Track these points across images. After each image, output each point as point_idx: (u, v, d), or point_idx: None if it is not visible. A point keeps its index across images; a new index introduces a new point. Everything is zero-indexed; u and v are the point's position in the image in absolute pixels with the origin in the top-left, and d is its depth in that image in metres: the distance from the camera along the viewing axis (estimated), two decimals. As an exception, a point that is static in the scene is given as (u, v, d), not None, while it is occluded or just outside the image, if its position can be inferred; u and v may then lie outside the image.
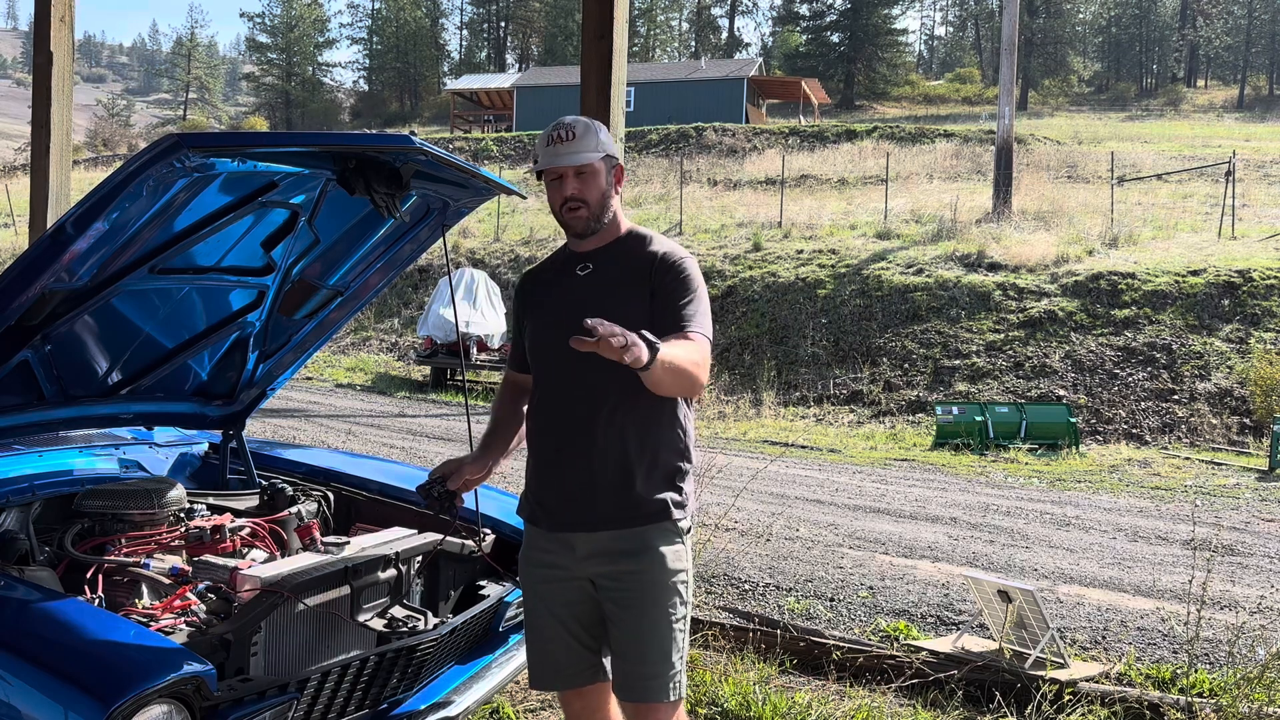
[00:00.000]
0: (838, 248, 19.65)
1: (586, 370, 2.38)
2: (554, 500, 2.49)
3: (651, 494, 2.44)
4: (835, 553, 7.13)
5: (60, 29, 5.25)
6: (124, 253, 2.67)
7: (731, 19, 79.08)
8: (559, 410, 2.48)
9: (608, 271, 2.50)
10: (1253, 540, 8.01)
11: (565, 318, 2.42)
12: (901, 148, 31.78)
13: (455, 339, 16.23)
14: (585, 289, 2.50)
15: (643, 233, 2.57)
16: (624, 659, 2.45)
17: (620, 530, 2.43)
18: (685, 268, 2.47)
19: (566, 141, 2.45)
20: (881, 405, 15.49)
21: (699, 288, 2.47)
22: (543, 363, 2.55)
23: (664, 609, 2.42)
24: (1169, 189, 25.11)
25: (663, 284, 2.43)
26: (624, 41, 3.96)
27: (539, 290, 2.63)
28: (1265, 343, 14.66)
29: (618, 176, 2.55)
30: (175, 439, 3.89)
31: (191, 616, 2.51)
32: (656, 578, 2.42)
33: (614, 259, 2.52)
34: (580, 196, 2.46)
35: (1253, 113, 53.63)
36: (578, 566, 2.48)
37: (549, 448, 2.51)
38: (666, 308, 2.42)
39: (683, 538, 2.49)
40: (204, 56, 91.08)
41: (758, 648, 4.38)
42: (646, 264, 2.47)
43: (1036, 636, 4.43)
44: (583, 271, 2.53)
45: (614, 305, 2.37)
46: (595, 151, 2.46)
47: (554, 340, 2.46)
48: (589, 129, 2.47)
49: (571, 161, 2.44)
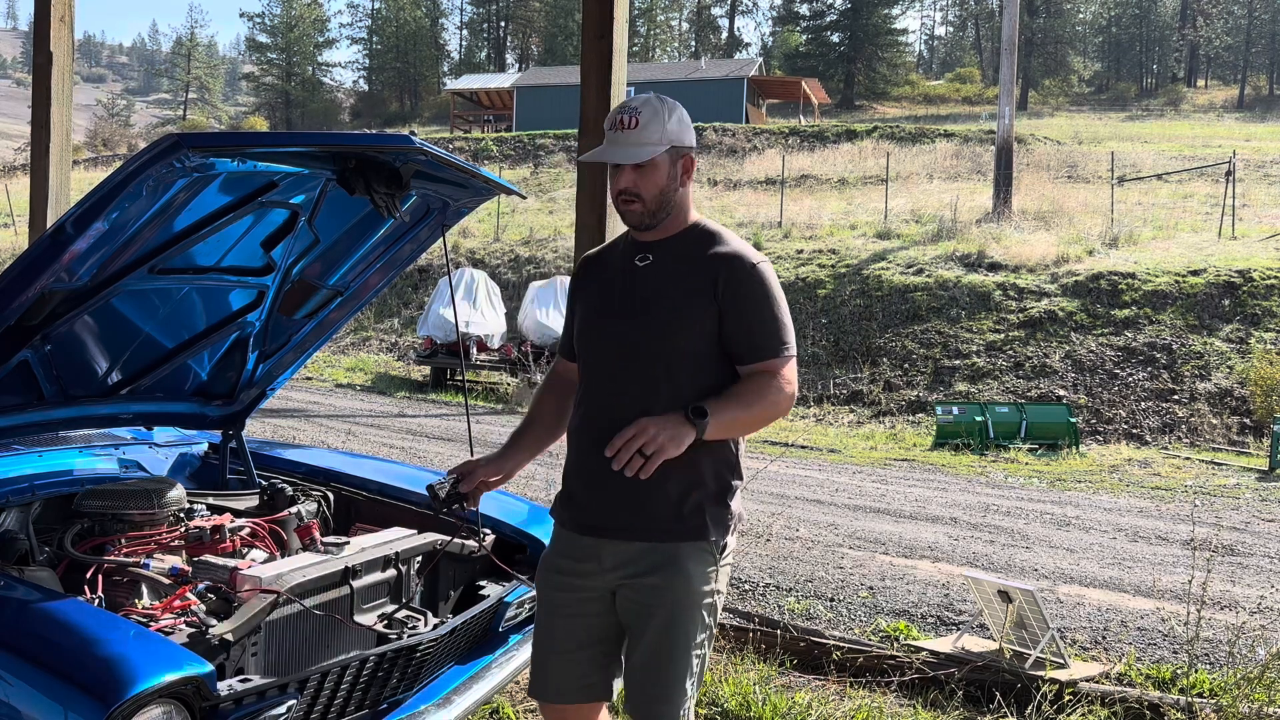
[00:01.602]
0: (838, 248, 19.65)
1: (633, 364, 2.28)
2: (586, 498, 2.36)
3: (691, 507, 2.26)
4: (835, 553, 7.13)
5: (60, 29, 5.25)
6: (124, 253, 2.67)
7: (731, 19, 79.14)
8: (600, 405, 2.33)
9: (669, 267, 2.32)
10: (1253, 540, 8.01)
11: (619, 308, 2.33)
12: (901, 148, 31.77)
13: (455, 339, 16.23)
14: (643, 281, 2.33)
15: (711, 228, 2.37)
16: (636, 675, 2.31)
17: (652, 543, 2.27)
18: (758, 276, 2.27)
19: (628, 129, 2.24)
20: (881, 405, 15.49)
21: (774, 297, 2.28)
22: (589, 352, 2.39)
23: (683, 631, 2.26)
24: (1169, 189, 25.11)
25: (733, 298, 2.25)
26: (624, 41, 3.96)
27: (595, 274, 2.46)
28: (1265, 343, 14.67)
29: (685, 168, 2.32)
30: (175, 439, 3.89)
31: (191, 616, 2.51)
32: (680, 597, 2.26)
33: (677, 254, 2.33)
34: (635, 190, 2.27)
35: (1253, 113, 53.62)
36: (601, 577, 2.33)
37: (586, 442, 2.33)
38: (738, 329, 2.25)
39: (718, 560, 2.31)
40: (204, 56, 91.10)
41: (758, 648, 4.38)
42: (714, 268, 2.27)
43: (1037, 636, 4.43)
44: (642, 262, 2.35)
45: (673, 306, 2.27)
46: (658, 144, 2.24)
47: (603, 329, 2.35)
48: (655, 116, 2.25)
49: (627, 158, 2.25)
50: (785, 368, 2.26)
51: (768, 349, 2.26)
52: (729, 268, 2.27)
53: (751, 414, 2.24)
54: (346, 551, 2.85)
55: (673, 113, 2.29)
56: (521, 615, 3.29)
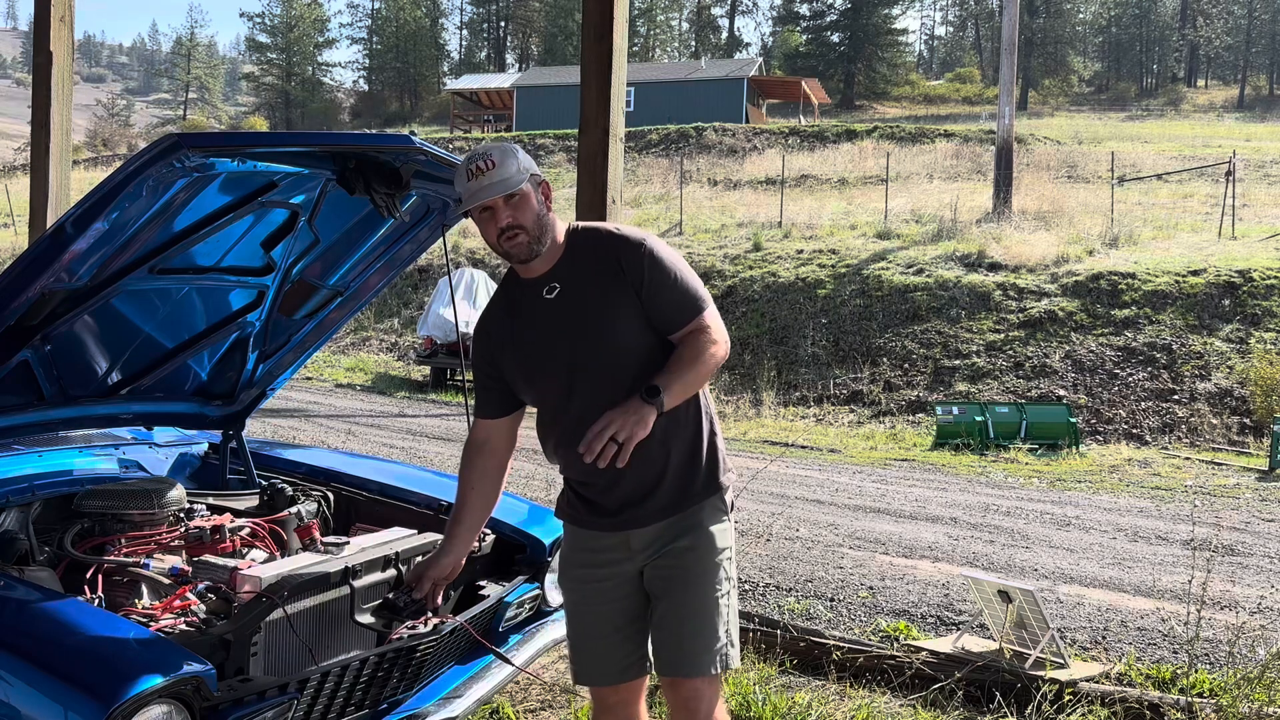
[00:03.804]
0: (838, 248, 19.65)
1: (590, 381, 2.38)
2: (606, 501, 2.46)
3: (700, 465, 2.46)
4: (835, 553, 7.13)
5: (60, 29, 5.25)
6: (124, 253, 2.67)
7: (731, 19, 79.21)
8: (580, 424, 2.34)
9: (575, 282, 2.42)
10: (1253, 540, 8.01)
11: (554, 342, 2.41)
12: (901, 148, 31.77)
13: (455, 339, 16.22)
14: (562, 308, 2.41)
15: (581, 227, 2.50)
16: (668, 634, 2.43)
17: (674, 516, 2.43)
18: (649, 248, 2.40)
19: (488, 172, 2.33)
20: (881, 405, 15.49)
21: (675, 264, 2.42)
22: (542, 391, 2.47)
23: (711, 584, 2.42)
24: (1169, 189, 25.12)
25: (642, 280, 2.38)
26: (624, 41, 3.96)
27: (506, 328, 2.50)
28: (1265, 343, 14.66)
29: (545, 193, 2.43)
30: (175, 439, 3.88)
31: (191, 616, 2.51)
32: (704, 553, 2.43)
33: (573, 269, 2.43)
34: (516, 223, 2.36)
35: (1253, 113, 53.63)
36: (630, 562, 2.48)
37: (579, 461, 2.34)
38: (656, 304, 2.39)
39: (728, 513, 2.51)
40: (204, 56, 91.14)
41: (758, 648, 4.38)
42: (613, 259, 2.40)
43: (1036, 636, 4.43)
44: (550, 294, 2.43)
45: (599, 314, 2.38)
46: (519, 174, 2.35)
47: (546, 367, 2.43)
48: (506, 154, 2.36)
49: (500, 191, 2.32)
50: (708, 318, 2.42)
51: (688, 311, 2.41)
52: (623, 255, 2.40)
53: (697, 371, 2.37)
54: (346, 551, 2.85)
55: (518, 151, 2.41)
56: (522, 615, 3.29)
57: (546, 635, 3.27)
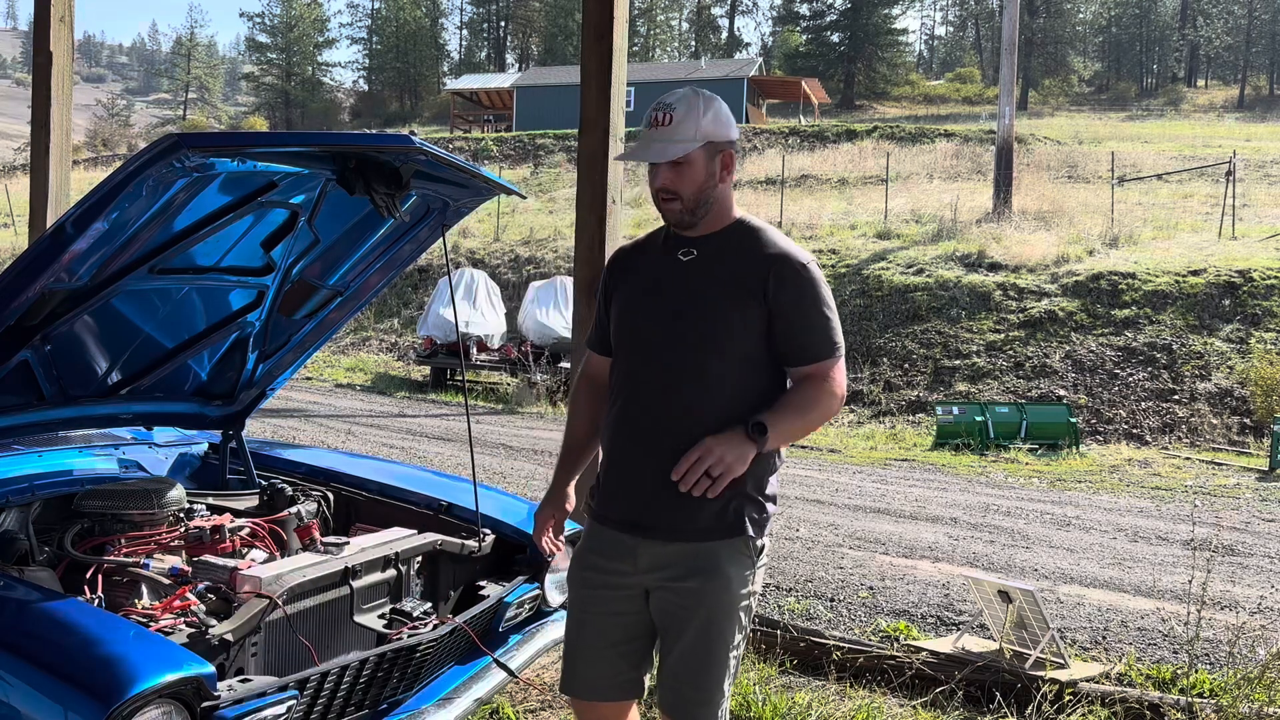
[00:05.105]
0: (838, 248, 19.65)
1: (677, 361, 2.24)
2: (623, 493, 2.32)
3: (730, 504, 2.23)
4: (835, 553, 7.13)
5: (60, 29, 5.25)
6: (124, 253, 2.67)
7: (731, 19, 79.19)
8: (642, 402, 2.27)
9: (714, 264, 2.27)
10: (1253, 540, 8.01)
11: (663, 302, 2.29)
12: (901, 148, 31.76)
13: (455, 339, 16.22)
14: (688, 276, 2.27)
15: (755, 225, 2.32)
16: (672, 677, 2.29)
17: (690, 544, 2.24)
18: (807, 276, 2.24)
19: (662, 126, 2.18)
20: (881, 405, 15.49)
21: (824, 298, 2.25)
22: (628, 346, 2.34)
23: (722, 634, 2.25)
24: (1169, 189, 25.10)
25: (782, 300, 2.21)
26: (624, 41, 3.96)
27: (633, 266, 2.40)
28: (1265, 343, 14.66)
29: (725, 164, 2.25)
30: (175, 439, 3.88)
31: (191, 616, 2.51)
32: (718, 600, 2.23)
33: (721, 252, 2.28)
34: (672, 188, 2.22)
35: (1253, 113, 53.59)
36: (635, 577, 2.31)
37: (624, 439, 2.30)
38: (788, 331, 2.23)
39: (755, 560, 2.29)
40: (204, 56, 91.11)
41: (758, 648, 4.38)
42: (762, 268, 2.23)
43: (1037, 637, 4.43)
44: (685, 257, 2.29)
45: (719, 305, 2.23)
46: (692, 140, 2.18)
47: (645, 324, 2.30)
48: (690, 110, 2.19)
49: (659, 156, 2.19)
50: (835, 368, 2.26)
51: (819, 351, 2.25)
52: (778, 268, 2.23)
53: (807, 421, 2.25)
54: (346, 551, 2.84)
55: (709, 107, 2.22)
56: (522, 615, 3.29)
57: (546, 636, 3.27)
